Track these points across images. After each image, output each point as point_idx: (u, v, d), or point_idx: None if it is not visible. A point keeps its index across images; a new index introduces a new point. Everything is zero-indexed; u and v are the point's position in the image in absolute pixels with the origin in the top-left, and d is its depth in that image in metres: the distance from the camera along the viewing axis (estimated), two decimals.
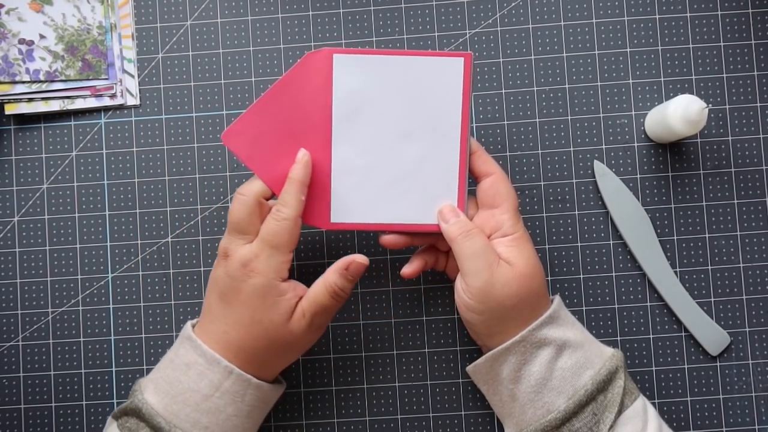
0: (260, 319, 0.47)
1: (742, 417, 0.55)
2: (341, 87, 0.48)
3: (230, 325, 0.47)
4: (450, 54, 0.47)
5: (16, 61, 0.56)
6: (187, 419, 0.46)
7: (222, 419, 0.46)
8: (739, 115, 0.56)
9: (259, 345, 0.47)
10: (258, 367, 0.48)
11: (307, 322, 0.47)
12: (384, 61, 0.47)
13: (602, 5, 0.57)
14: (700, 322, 0.55)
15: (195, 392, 0.46)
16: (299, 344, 0.49)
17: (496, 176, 0.48)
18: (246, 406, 0.47)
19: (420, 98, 0.48)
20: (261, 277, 0.46)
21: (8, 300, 0.56)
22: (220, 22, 0.57)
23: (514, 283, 0.46)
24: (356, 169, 0.49)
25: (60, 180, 0.57)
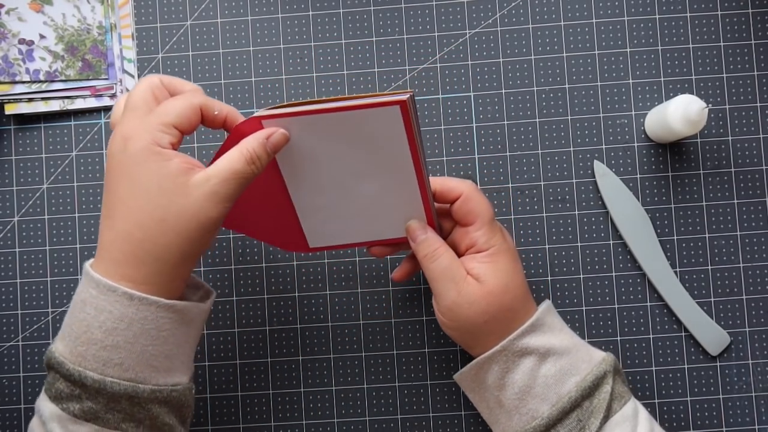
0: (144, 188, 0.40)
1: (742, 417, 0.55)
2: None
3: (118, 222, 0.41)
4: (384, 103, 0.42)
5: (16, 61, 0.56)
6: (95, 359, 0.41)
7: (136, 351, 0.41)
8: (739, 115, 0.56)
9: (152, 232, 0.40)
10: (162, 277, 0.42)
11: (210, 187, 0.40)
12: (314, 119, 0.43)
13: (602, 5, 0.57)
14: (700, 322, 0.55)
15: (97, 329, 0.41)
16: (202, 217, 0.41)
17: (464, 195, 0.47)
18: (162, 332, 0.42)
19: (364, 145, 0.44)
20: (135, 142, 0.40)
21: (8, 300, 0.56)
22: (220, 22, 0.57)
23: (482, 301, 0.46)
24: (319, 207, 0.48)
25: (60, 180, 0.57)
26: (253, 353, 0.56)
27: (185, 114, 0.42)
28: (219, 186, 0.41)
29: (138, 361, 0.41)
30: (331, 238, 0.50)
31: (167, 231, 0.41)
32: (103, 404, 0.41)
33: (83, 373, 0.40)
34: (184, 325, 0.44)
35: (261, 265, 0.56)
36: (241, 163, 0.41)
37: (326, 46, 0.57)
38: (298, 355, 0.56)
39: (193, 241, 0.41)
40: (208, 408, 0.55)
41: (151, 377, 0.42)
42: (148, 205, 0.41)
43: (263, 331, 0.56)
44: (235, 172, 0.41)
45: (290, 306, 0.56)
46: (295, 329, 0.56)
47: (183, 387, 0.44)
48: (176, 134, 0.42)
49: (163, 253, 0.41)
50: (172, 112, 0.42)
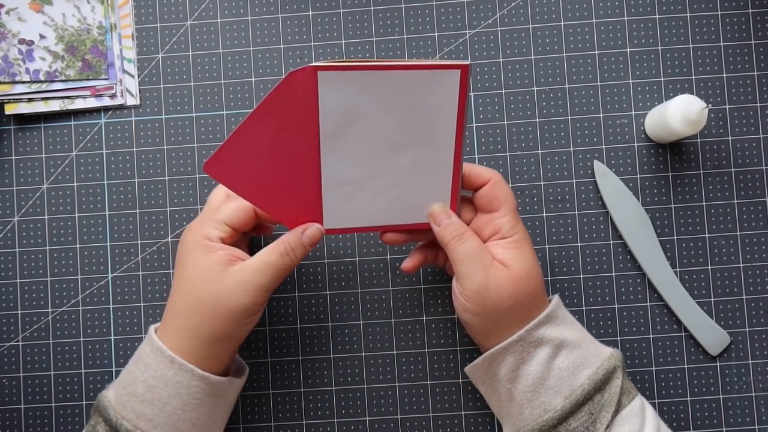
0: (189, 273, 0.46)
1: (742, 417, 0.55)
2: (327, 104, 0.44)
3: (173, 299, 0.47)
4: (445, 66, 0.43)
5: (16, 61, 0.56)
6: (133, 410, 0.45)
7: (167, 412, 0.45)
8: (739, 115, 0.56)
9: (191, 311, 0.46)
10: (198, 352, 0.46)
11: (244, 276, 0.45)
12: (372, 76, 0.43)
13: (602, 5, 0.57)
14: (700, 322, 0.55)
15: (141, 383, 0.45)
16: (232, 303, 0.45)
17: (492, 181, 0.48)
18: (193, 400, 0.46)
19: (412, 111, 0.45)
20: (192, 235, 0.47)
21: (8, 300, 0.56)
22: (220, 22, 0.57)
23: (509, 285, 0.46)
24: (347, 181, 0.47)
25: (60, 180, 0.57)
26: (253, 353, 0.56)
27: (236, 214, 0.47)
28: (253, 276, 0.45)
29: (167, 421, 0.45)
30: (348, 219, 0.49)
31: (202, 312, 0.45)
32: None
33: (120, 421, 0.45)
34: (216, 398, 0.47)
35: None
36: (275, 256, 0.46)
37: (326, 46, 0.57)
38: (298, 355, 0.56)
39: (225, 323, 0.46)
40: None
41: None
42: (191, 288, 0.46)
43: (263, 331, 0.56)
44: (268, 263, 0.46)
45: (290, 306, 0.56)
46: (295, 329, 0.56)
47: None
48: (227, 230, 0.47)
49: (197, 330, 0.46)
50: (226, 211, 0.47)
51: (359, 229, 0.50)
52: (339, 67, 0.43)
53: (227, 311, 0.45)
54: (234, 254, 0.46)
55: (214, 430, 0.48)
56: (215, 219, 0.47)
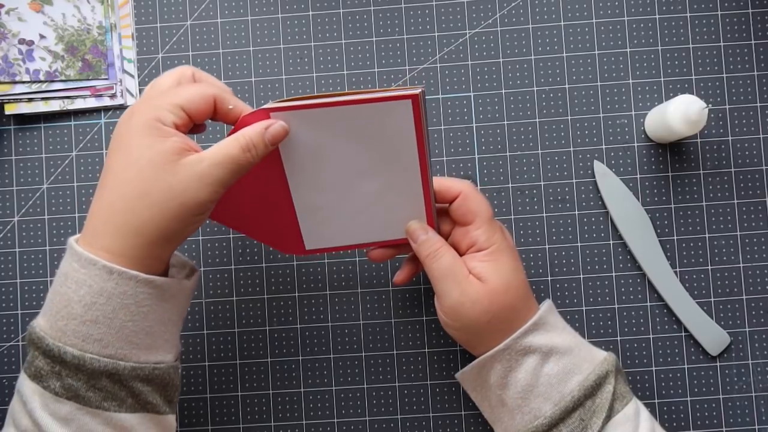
0: (135, 161, 0.40)
1: (742, 417, 0.55)
2: (285, 142, 0.44)
3: (105, 192, 0.41)
4: (395, 97, 0.42)
5: (16, 61, 0.56)
6: (75, 334, 0.40)
7: (116, 327, 0.40)
8: (739, 115, 0.56)
9: (134, 204, 0.40)
10: (140, 251, 0.41)
11: (201, 169, 0.40)
12: (324, 113, 0.43)
13: (602, 5, 0.57)
14: (700, 322, 0.55)
15: (76, 303, 0.40)
16: (188, 197, 0.40)
17: (463, 194, 0.47)
18: (142, 308, 0.41)
19: (370, 140, 0.44)
20: (138, 116, 0.41)
21: (8, 300, 0.56)
22: (220, 22, 0.57)
23: (485, 300, 0.45)
24: (319, 207, 0.47)
25: (60, 180, 0.57)
26: (253, 353, 0.56)
27: (195, 99, 0.42)
28: (210, 168, 0.40)
29: (117, 336, 0.40)
30: (328, 240, 0.50)
31: (150, 205, 0.40)
32: (83, 381, 0.40)
33: (63, 349, 0.40)
34: (165, 302, 0.43)
35: (261, 265, 0.56)
36: (237, 149, 0.41)
37: (326, 46, 0.57)
38: (298, 355, 0.56)
39: (175, 220, 0.40)
40: (208, 408, 0.55)
41: (132, 354, 0.41)
42: (135, 178, 0.40)
43: (263, 331, 0.56)
44: (229, 156, 0.41)
45: (290, 306, 0.56)
46: (295, 329, 0.56)
47: (166, 365, 0.43)
48: (182, 116, 0.41)
49: (143, 227, 0.40)
50: (183, 94, 0.42)
51: (342, 248, 0.50)
52: (290, 107, 0.43)
53: (179, 206, 0.40)
54: (189, 144, 0.41)
55: (169, 338, 0.44)
56: (170, 102, 0.41)
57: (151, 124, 0.40)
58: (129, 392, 0.41)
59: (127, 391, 0.41)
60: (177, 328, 0.45)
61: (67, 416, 0.40)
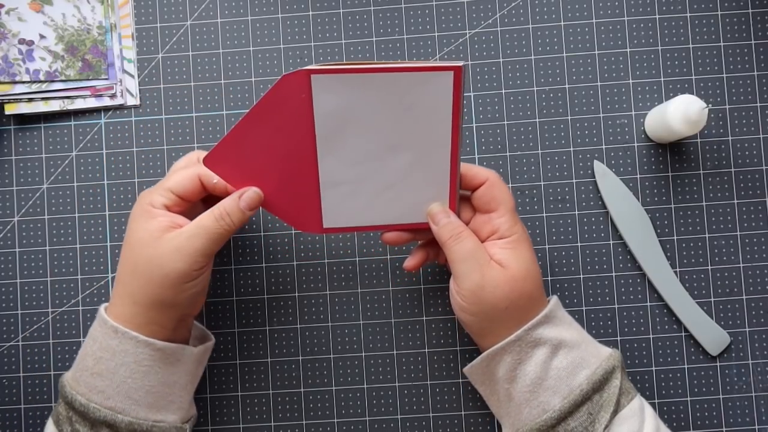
0: (130, 239, 0.46)
1: (742, 417, 0.55)
2: (322, 107, 0.44)
3: (118, 267, 0.47)
4: (438, 68, 0.43)
5: (16, 61, 0.56)
6: (85, 385, 0.45)
7: (117, 382, 0.45)
8: (739, 115, 0.56)
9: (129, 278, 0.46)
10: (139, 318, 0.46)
11: (179, 241, 0.45)
12: (365, 79, 0.43)
13: (602, 5, 0.57)
14: (700, 322, 0.55)
15: (90, 356, 0.46)
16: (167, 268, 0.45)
17: (489, 181, 0.48)
18: (141, 367, 0.45)
19: (407, 112, 0.45)
20: (139, 200, 0.47)
21: (8, 300, 0.56)
22: (220, 22, 0.57)
23: (506, 285, 0.46)
24: (344, 181, 0.47)
25: (60, 180, 0.57)
26: (253, 353, 0.56)
27: (182, 181, 0.47)
28: (186, 240, 0.45)
29: (118, 391, 0.45)
30: (347, 218, 0.49)
31: (139, 277, 0.45)
32: (88, 428, 0.45)
33: (74, 396, 0.45)
34: (170, 365, 0.47)
35: (261, 265, 0.56)
36: (210, 220, 0.45)
37: (326, 46, 0.57)
38: (298, 355, 0.56)
39: (163, 288, 0.45)
40: (208, 408, 0.56)
41: (131, 409, 0.45)
42: (128, 254, 0.46)
43: (263, 331, 0.56)
44: (203, 227, 0.45)
45: (290, 306, 0.56)
46: (295, 329, 0.56)
47: (167, 425, 0.47)
48: (171, 197, 0.47)
49: (137, 296, 0.46)
50: (172, 178, 0.47)
51: (358, 229, 0.50)
52: (332, 70, 0.43)
53: (162, 277, 0.45)
54: (175, 221, 0.46)
55: (174, 400, 0.48)
56: (161, 186, 0.47)
57: (144, 208, 0.46)
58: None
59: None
60: (185, 391, 0.49)
61: None
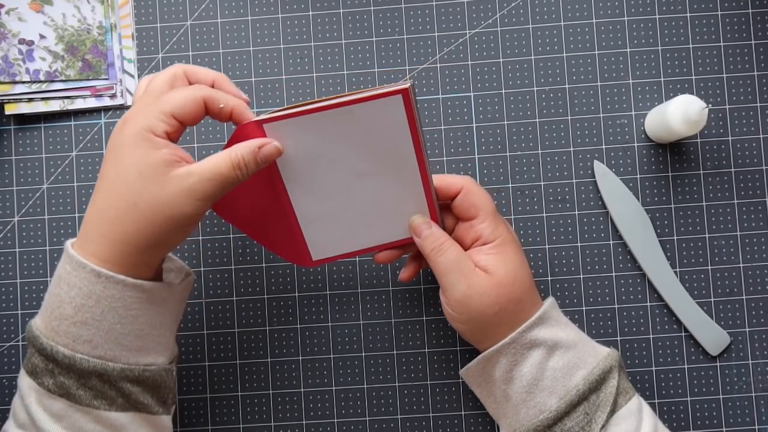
0: (125, 172, 0.41)
1: (742, 417, 0.55)
2: (282, 156, 0.44)
3: (98, 200, 0.42)
4: (385, 93, 0.43)
5: (16, 61, 0.56)
6: (66, 335, 0.41)
7: (105, 329, 0.41)
8: (739, 115, 0.56)
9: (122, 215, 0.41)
10: (129, 259, 0.42)
11: (189, 183, 0.41)
12: (318, 117, 0.43)
13: (602, 5, 0.57)
14: (700, 322, 0.55)
15: (68, 304, 0.41)
16: (175, 211, 0.41)
17: (465, 189, 0.47)
18: (130, 311, 0.42)
19: (366, 140, 0.45)
20: (131, 126, 0.41)
21: (8, 300, 0.56)
22: (220, 22, 0.57)
23: (492, 292, 0.46)
24: (321, 215, 0.48)
25: (60, 180, 0.57)
26: (253, 353, 0.56)
27: (185, 105, 0.42)
28: (198, 184, 0.41)
29: (106, 338, 0.42)
30: (334, 248, 0.50)
31: (138, 217, 0.41)
32: (74, 380, 0.41)
33: (55, 348, 0.41)
34: (156, 305, 0.44)
35: (261, 265, 0.56)
36: (227, 167, 0.42)
37: (326, 46, 0.57)
38: (298, 355, 0.56)
39: (162, 231, 0.41)
40: (208, 408, 0.56)
41: (121, 356, 0.42)
42: (124, 188, 0.41)
43: (263, 331, 0.56)
44: (218, 173, 0.42)
45: (290, 306, 0.56)
46: (295, 329, 0.56)
47: (158, 368, 0.44)
48: (174, 124, 0.42)
49: (130, 237, 0.41)
50: (174, 101, 0.42)
51: (348, 255, 0.50)
52: (283, 116, 0.43)
53: (166, 219, 0.41)
54: (179, 155, 0.42)
55: (161, 341, 0.45)
56: (160, 110, 0.41)
57: (142, 135, 0.41)
58: (118, 392, 0.42)
59: (117, 391, 0.42)
60: (170, 331, 0.46)
61: (60, 412, 0.42)
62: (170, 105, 0.42)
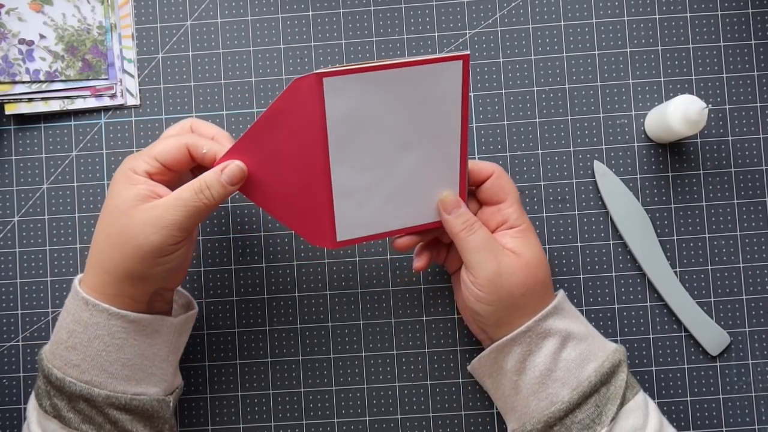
0: (107, 205, 0.44)
1: (742, 417, 0.55)
2: (334, 111, 0.44)
3: (95, 231, 0.45)
4: (447, 58, 0.44)
5: (16, 61, 0.56)
6: (60, 358, 0.44)
7: (91, 355, 0.43)
8: (739, 115, 0.56)
9: (101, 246, 0.44)
10: (110, 289, 0.44)
11: (155, 213, 0.43)
12: (376, 77, 0.43)
13: (602, 5, 0.57)
14: (700, 322, 0.55)
15: (64, 329, 0.44)
16: (141, 239, 0.43)
17: (496, 174, 0.48)
18: (115, 340, 0.44)
19: (418, 107, 0.45)
20: (122, 165, 0.45)
21: (8, 300, 0.56)
22: (220, 22, 0.57)
23: (521, 272, 0.46)
24: (357, 188, 0.47)
25: (60, 180, 0.57)
26: (253, 353, 0.56)
27: (168, 149, 0.45)
28: (164, 212, 0.43)
29: (93, 364, 0.44)
30: (360, 228, 0.49)
31: (111, 246, 0.44)
32: (65, 402, 0.44)
33: (50, 370, 0.44)
34: (147, 337, 0.45)
35: (261, 265, 0.56)
36: (189, 192, 0.43)
37: (326, 46, 0.57)
38: (298, 355, 0.56)
39: (134, 260, 0.43)
40: (208, 408, 0.56)
41: (107, 383, 0.44)
42: (104, 220, 0.45)
43: (263, 331, 0.56)
44: (181, 199, 0.43)
45: (290, 306, 0.56)
46: (295, 329, 0.56)
47: (148, 398, 0.46)
48: (156, 165, 0.45)
49: (108, 266, 0.44)
50: (159, 146, 0.45)
51: (371, 237, 0.50)
52: (343, 71, 0.43)
53: (134, 248, 0.43)
54: (156, 191, 0.44)
55: (155, 372, 0.46)
56: (146, 153, 0.45)
57: (125, 172, 0.45)
58: (106, 418, 0.44)
59: (104, 417, 0.44)
60: (167, 363, 0.47)
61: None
62: (156, 149, 0.45)
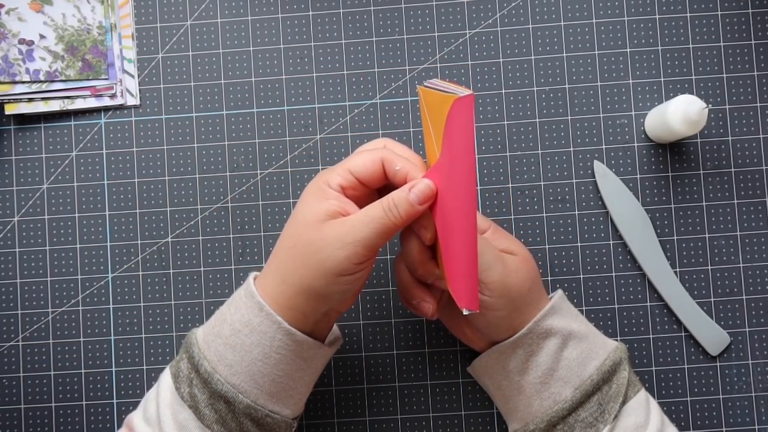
0: (297, 215, 0.44)
1: (742, 417, 0.55)
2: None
3: (279, 239, 0.45)
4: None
5: (16, 61, 0.56)
6: (215, 352, 0.44)
7: (247, 360, 0.43)
8: (739, 115, 0.56)
9: (284, 255, 0.43)
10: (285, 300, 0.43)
11: (343, 228, 0.42)
12: None
13: (602, 5, 0.57)
14: (700, 322, 0.55)
15: (228, 325, 0.44)
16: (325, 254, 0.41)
17: None
18: (275, 353, 0.43)
19: None
20: (316, 178, 0.45)
21: (8, 300, 0.56)
22: (220, 22, 0.57)
23: (523, 267, 0.47)
24: None
25: (60, 180, 0.57)
26: None
27: (364, 163, 0.44)
28: (351, 229, 0.42)
29: (245, 369, 0.43)
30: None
31: (294, 257, 0.43)
32: (206, 397, 0.43)
33: (201, 361, 0.43)
34: (300, 360, 0.45)
35: (261, 265, 0.56)
36: (378, 210, 0.42)
37: (326, 46, 0.57)
38: None
39: (315, 275, 0.42)
40: None
41: (252, 392, 0.44)
42: (291, 230, 0.44)
43: None
44: (369, 216, 0.42)
45: None
46: None
47: (281, 418, 0.45)
48: (350, 179, 0.44)
49: (288, 276, 0.43)
50: (355, 160, 0.44)
51: None
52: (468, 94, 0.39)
53: (317, 263, 0.42)
54: (346, 208, 0.43)
55: (294, 395, 0.45)
56: (341, 166, 0.44)
57: (318, 185, 0.44)
58: (238, 425, 0.44)
59: (237, 424, 0.44)
60: (306, 388, 0.47)
61: (184, 423, 0.43)
62: (351, 162, 0.44)
